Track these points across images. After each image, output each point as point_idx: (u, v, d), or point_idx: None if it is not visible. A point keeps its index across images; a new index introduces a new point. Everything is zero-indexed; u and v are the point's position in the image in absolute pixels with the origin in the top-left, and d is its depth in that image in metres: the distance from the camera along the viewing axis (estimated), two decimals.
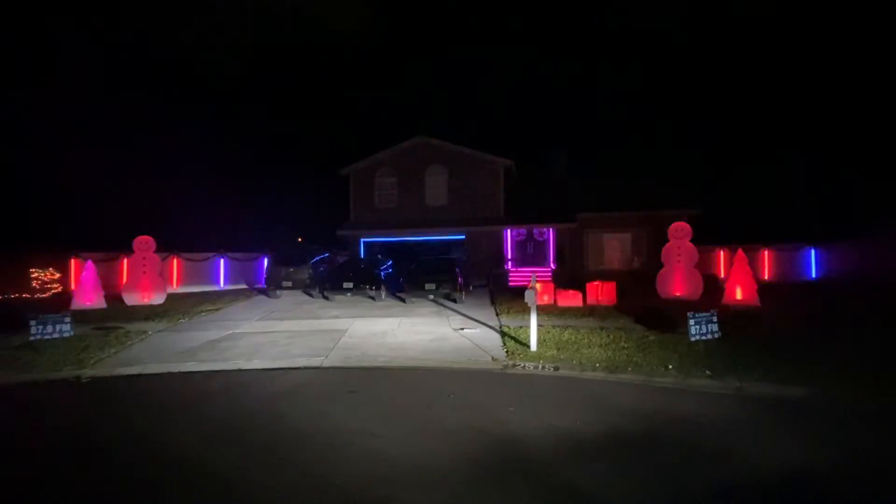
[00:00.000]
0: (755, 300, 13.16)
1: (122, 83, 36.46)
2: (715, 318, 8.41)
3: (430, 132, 22.75)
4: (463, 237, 21.87)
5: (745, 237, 20.53)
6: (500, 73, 54.34)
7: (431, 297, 15.16)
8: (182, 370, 8.28)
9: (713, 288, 14.98)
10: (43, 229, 24.23)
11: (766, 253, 20.46)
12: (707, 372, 7.37)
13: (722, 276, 18.98)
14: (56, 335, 9.11)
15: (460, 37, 56.73)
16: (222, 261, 21.43)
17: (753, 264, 14.00)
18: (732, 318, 10.76)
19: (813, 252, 20.39)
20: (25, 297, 16.55)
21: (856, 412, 5.99)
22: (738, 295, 13.38)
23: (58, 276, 17.73)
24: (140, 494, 4.24)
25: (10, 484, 4.50)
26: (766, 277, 19.82)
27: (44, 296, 16.92)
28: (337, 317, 12.94)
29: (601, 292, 14.14)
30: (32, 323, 8.97)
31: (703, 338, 8.28)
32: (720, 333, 8.42)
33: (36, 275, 17.35)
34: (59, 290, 17.45)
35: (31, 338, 8.95)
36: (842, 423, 5.68)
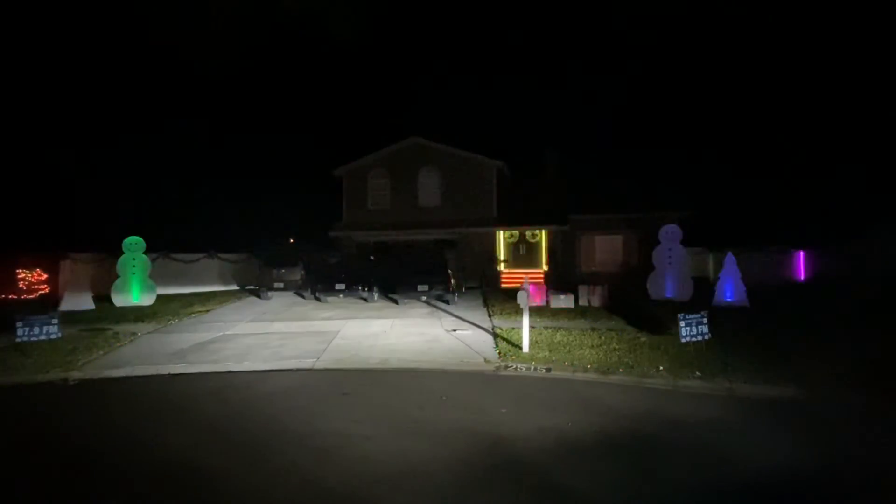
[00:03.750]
0: (745, 302, 13.29)
1: (115, 81, 36.12)
2: (705, 320, 8.47)
3: (423, 133, 22.77)
4: (455, 238, 21.88)
5: (735, 239, 20.75)
6: (492, 75, 54.52)
7: (424, 298, 15.15)
8: (171, 372, 8.20)
9: (703, 290, 15.11)
10: (31, 230, 23.91)
11: (755, 255, 20.68)
12: (697, 373, 7.42)
13: (712, 277, 19.16)
14: (43, 337, 8.98)
15: (454, 38, 56.85)
16: (213, 262, 21.26)
17: (743, 266, 14.14)
18: (722, 320, 10.85)
19: (801, 255, 20.65)
20: (12, 299, 16.31)
21: (845, 412, 6.05)
22: (728, 296, 13.51)
23: (45, 276, 17.49)
24: (128, 498, 4.19)
25: None
26: (756, 279, 20.03)
27: (31, 297, 16.69)
28: (329, 318, 12.88)
29: (593, 294, 14.22)
30: (18, 324, 8.83)
31: (694, 339, 8.35)
32: (710, 335, 8.49)
33: (23, 276, 17.11)
34: (47, 291, 17.22)
35: (17, 339, 8.82)
36: (831, 422, 5.75)
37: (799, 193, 27.32)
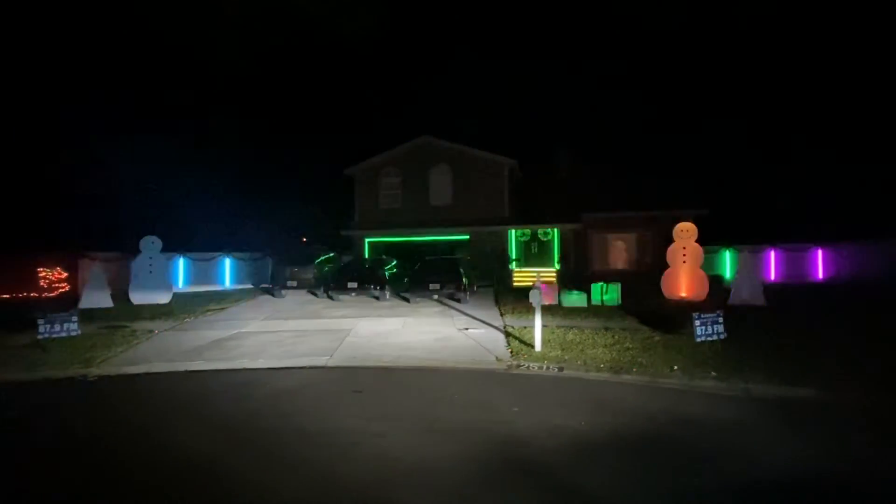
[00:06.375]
0: (761, 301, 13.09)
1: (128, 82, 36.69)
2: (721, 319, 8.37)
3: (435, 132, 22.77)
4: (467, 237, 21.87)
5: (751, 237, 20.42)
6: (505, 73, 54.32)
7: (436, 296, 15.17)
8: (188, 369, 8.33)
9: (719, 288, 14.91)
10: (51, 229, 24.42)
11: (772, 253, 20.34)
12: (713, 373, 7.33)
13: (728, 276, 18.90)
14: (63, 334, 9.20)
15: (465, 36, 56.71)
16: (228, 261, 21.55)
17: (759, 265, 13.91)
18: (738, 319, 10.70)
19: (820, 253, 20.24)
20: (33, 297, 16.70)
21: (862, 413, 5.94)
22: (744, 295, 13.31)
23: (65, 275, 17.87)
24: (145, 493, 4.27)
25: (17, 482, 4.54)
26: (773, 278, 19.70)
27: (51, 295, 17.07)
28: (342, 316, 12.97)
29: (606, 293, 14.11)
30: (40, 322, 9.06)
31: (709, 338, 8.26)
32: (726, 334, 8.38)
33: (43, 274, 17.50)
34: (67, 289, 17.59)
35: (39, 336, 9.04)
36: (848, 424, 5.64)
37: (817, 190, 26.78)
